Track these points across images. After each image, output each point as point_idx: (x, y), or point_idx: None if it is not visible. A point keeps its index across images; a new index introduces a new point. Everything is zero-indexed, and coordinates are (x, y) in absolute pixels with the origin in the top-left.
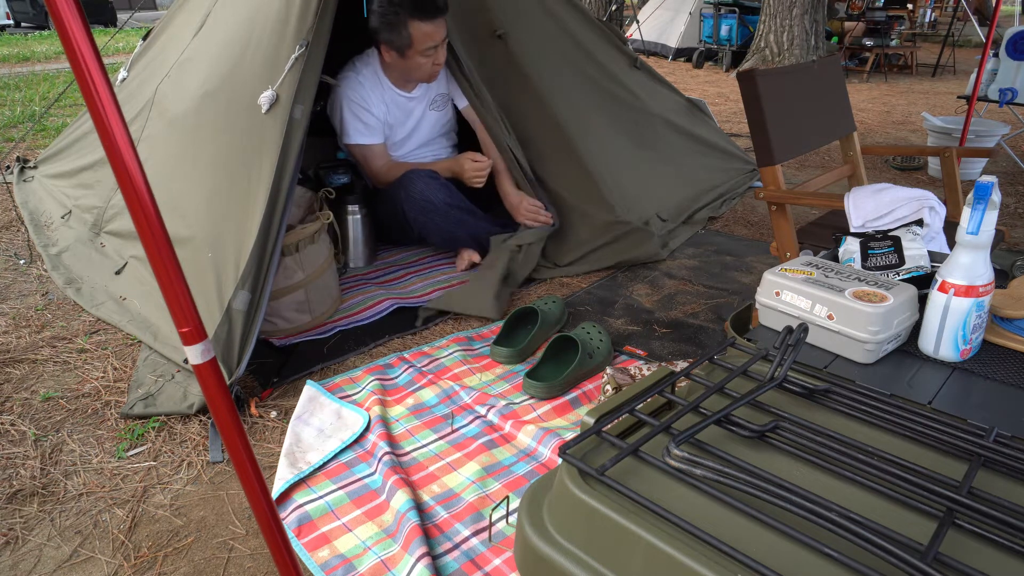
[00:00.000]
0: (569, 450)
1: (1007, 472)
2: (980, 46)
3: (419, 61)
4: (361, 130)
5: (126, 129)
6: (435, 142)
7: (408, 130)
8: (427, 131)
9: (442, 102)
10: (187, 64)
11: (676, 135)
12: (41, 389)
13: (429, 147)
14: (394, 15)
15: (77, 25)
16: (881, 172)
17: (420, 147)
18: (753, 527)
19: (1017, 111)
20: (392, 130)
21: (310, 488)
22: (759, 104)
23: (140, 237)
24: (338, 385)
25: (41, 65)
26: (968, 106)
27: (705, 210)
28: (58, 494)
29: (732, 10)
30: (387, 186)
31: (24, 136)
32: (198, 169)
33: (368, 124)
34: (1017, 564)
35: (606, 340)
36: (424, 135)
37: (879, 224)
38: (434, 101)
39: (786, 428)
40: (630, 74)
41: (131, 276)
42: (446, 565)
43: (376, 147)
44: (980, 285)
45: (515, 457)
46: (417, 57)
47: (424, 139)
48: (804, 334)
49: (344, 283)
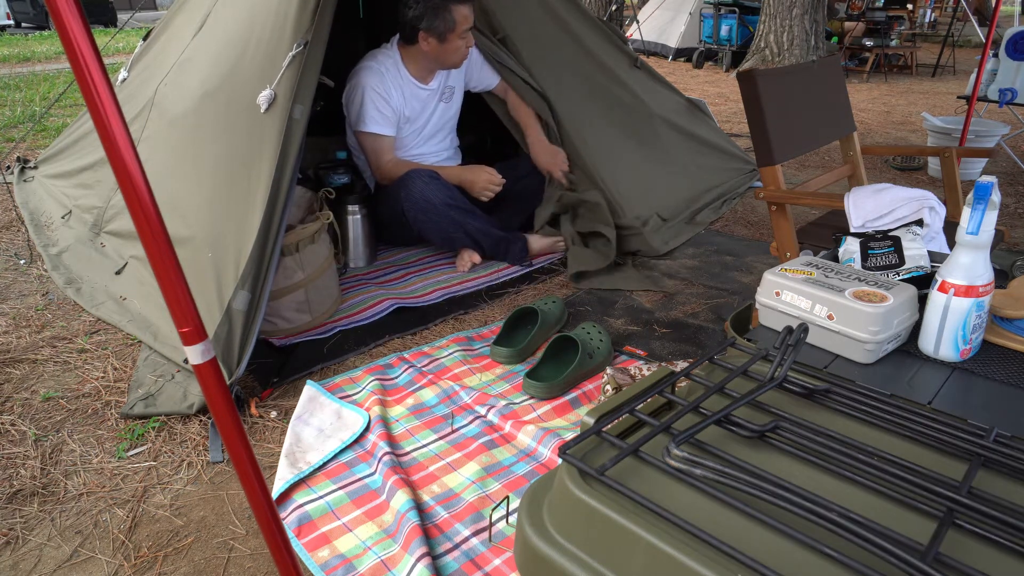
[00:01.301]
0: (569, 450)
1: (1007, 472)
2: (980, 46)
3: (457, 44)
4: (377, 119)
5: (126, 129)
6: (440, 134)
7: (423, 122)
8: (435, 123)
9: (450, 94)
10: (187, 64)
11: (676, 135)
12: (41, 389)
13: (435, 139)
14: (439, 1)
15: (77, 25)
16: (881, 172)
17: (428, 140)
18: (753, 527)
19: (1017, 111)
20: (409, 123)
21: (310, 488)
22: (759, 104)
23: (140, 237)
24: (338, 385)
25: (41, 65)
26: (968, 106)
27: (706, 211)
28: (58, 494)
29: (732, 10)
30: (388, 185)
31: (24, 136)
32: (198, 169)
33: (384, 114)
34: (1017, 564)
35: (606, 340)
36: (433, 127)
37: (879, 224)
38: (444, 93)
39: (786, 428)
40: (630, 74)
41: (131, 276)
42: (446, 565)
43: (387, 139)
44: (980, 285)
45: (515, 457)
46: (456, 40)
47: (432, 131)
48: (804, 334)
49: (344, 283)
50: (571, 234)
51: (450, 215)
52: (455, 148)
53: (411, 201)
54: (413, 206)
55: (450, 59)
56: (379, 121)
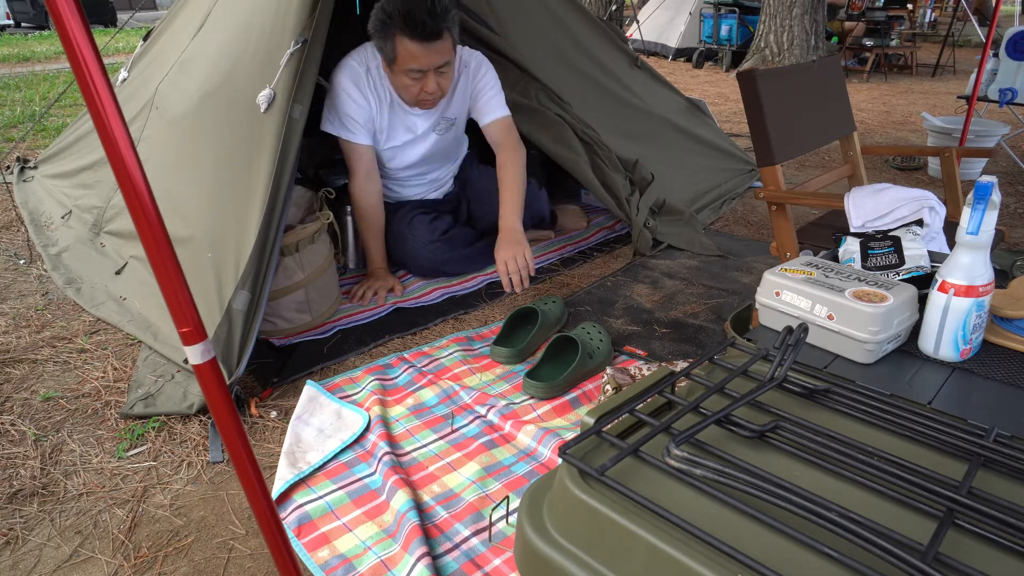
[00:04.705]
0: (569, 450)
1: (1007, 472)
2: (980, 46)
3: (403, 81)
4: (345, 122)
5: (126, 129)
6: (440, 164)
7: (403, 142)
8: (431, 151)
9: (446, 126)
10: (187, 64)
11: (676, 135)
12: (41, 389)
13: (433, 166)
14: (383, 23)
15: (77, 25)
16: (881, 172)
17: (424, 164)
18: (753, 527)
19: (1017, 111)
20: (384, 136)
21: (310, 488)
22: (759, 104)
23: (140, 237)
24: (338, 385)
25: (41, 65)
26: (968, 106)
27: (706, 211)
28: (58, 494)
29: (732, 10)
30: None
31: (24, 136)
32: (198, 169)
33: (354, 118)
34: (1017, 564)
35: (606, 340)
36: (426, 154)
37: (879, 224)
38: (438, 124)
39: (786, 428)
40: (631, 74)
41: (131, 276)
42: (446, 565)
43: (357, 147)
44: (980, 285)
45: (515, 457)
46: (401, 76)
47: (428, 158)
48: (804, 334)
49: (344, 283)
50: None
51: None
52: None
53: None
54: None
55: (400, 93)
56: (347, 126)
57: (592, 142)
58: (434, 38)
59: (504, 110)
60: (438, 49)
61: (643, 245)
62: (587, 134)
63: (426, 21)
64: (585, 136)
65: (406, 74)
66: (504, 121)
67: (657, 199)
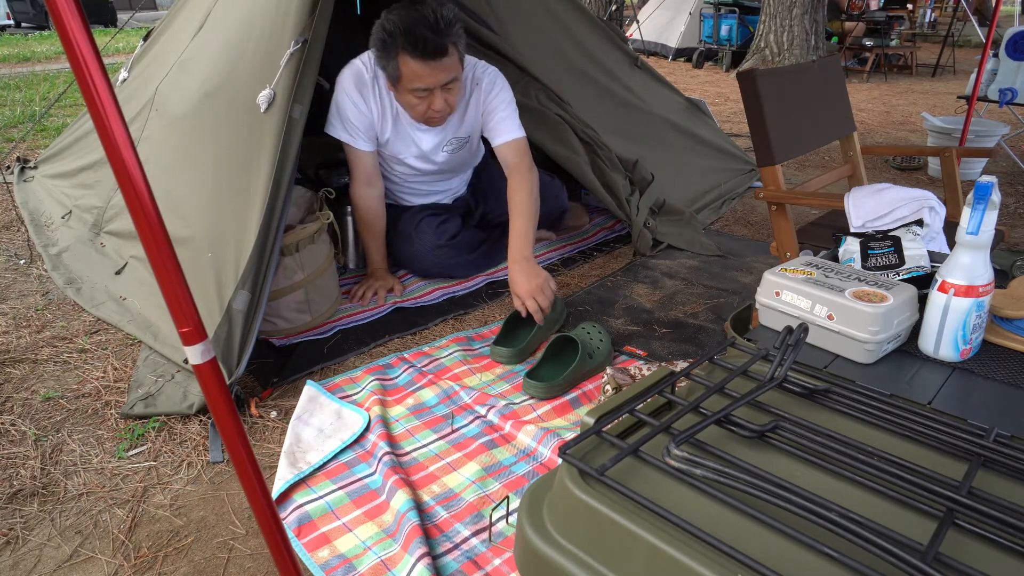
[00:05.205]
0: (569, 450)
1: (1007, 472)
2: (980, 46)
3: (409, 100)
4: (347, 126)
5: (126, 129)
6: (452, 175)
7: (409, 156)
8: (440, 168)
9: (458, 145)
10: (187, 64)
11: (676, 135)
12: (41, 389)
13: (444, 176)
14: (384, 41)
15: (77, 25)
16: (881, 172)
17: (434, 175)
18: (753, 527)
19: (1017, 111)
20: (388, 148)
21: (310, 488)
22: (759, 104)
23: (140, 237)
24: (338, 385)
25: (41, 65)
26: (968, 106)
27: (706, 211)
28: (58, 494)
29: (732, 10)
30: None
31: (24, 136)
32: (198, 169)
33: (352, 121)
34: (1017, 564)
35: (606, 340)
36: (435, 170)
37: (879, 224)
38: (448, 143)
39: (786, 428)
40: (631, 74)
41: (131, 276)
42: (446, 565)
43: (358, 152)
44: (980, 285)
45: (515, 457)
46: (407, 95)
47: (437, 173)
48: (804, 334)
49: (344, 283)
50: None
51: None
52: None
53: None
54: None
55: (408, 111)
56: (348, 131)
57: (592, 142)
58: (439, 55)
59: (519, 131)
60: (444, 66)
61: (643, 245)
62: (587, 134)
63: (429, 38)
64: (585, 136)
65: (412, 93)
66: (518, 143)
67: (657, 199)
